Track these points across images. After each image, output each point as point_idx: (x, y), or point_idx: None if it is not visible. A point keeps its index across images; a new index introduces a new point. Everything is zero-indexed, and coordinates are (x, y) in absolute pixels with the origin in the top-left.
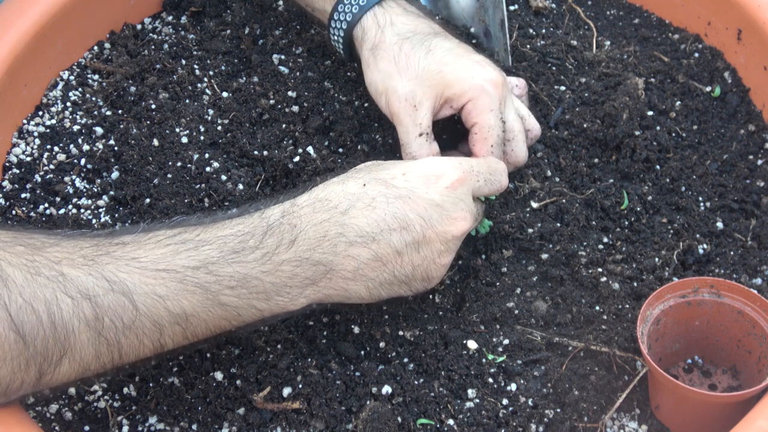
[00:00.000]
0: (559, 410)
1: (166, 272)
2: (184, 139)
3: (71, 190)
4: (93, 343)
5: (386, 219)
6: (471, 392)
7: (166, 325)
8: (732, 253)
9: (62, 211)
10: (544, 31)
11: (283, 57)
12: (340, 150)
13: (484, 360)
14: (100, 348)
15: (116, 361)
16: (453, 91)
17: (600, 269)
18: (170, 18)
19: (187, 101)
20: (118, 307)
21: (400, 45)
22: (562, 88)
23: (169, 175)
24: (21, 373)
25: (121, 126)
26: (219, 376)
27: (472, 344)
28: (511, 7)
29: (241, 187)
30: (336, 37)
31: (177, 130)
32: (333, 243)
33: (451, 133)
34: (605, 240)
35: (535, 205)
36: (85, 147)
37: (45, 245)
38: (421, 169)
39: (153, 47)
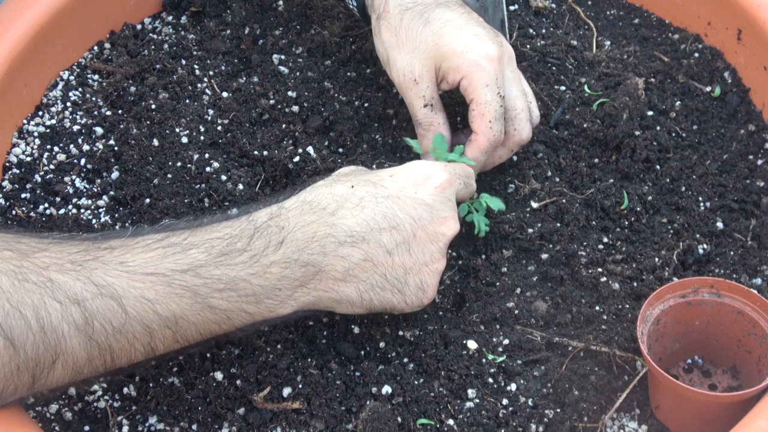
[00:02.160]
0: (559, 410)
1: (154, 276)
2: (184, 139)
3: (71, 190)
4: (84, 347)
5: (376, 218)
6: (471, 392)
7: (156, 329)
8: (732, 253)
9: (62, 211)
10: (544, 31)
11: (283, 57)
12: (340, 150)
13: (484, 360)
14: (91, 352)
15: (108, 364)
16: (448, 65)
17: (600, 269)
18: (170, 18)
19: (187, 101)
20: (107, 311)
21: (401, 16)
22: (562, 88)
23: (169, 175)
24: (14, 379)
25: (121, 126)
26: (219, 376)
27: (472, 344)
28: (511, 7)
29: (241, 187)
30: (351, 4)
31: (177, 130)
32: (322, 244)
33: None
34: (605, 240)
35: (535, 205)
36: (85, 147)
37: (33, 250)
38: (409, 171)
39: (153, 47)
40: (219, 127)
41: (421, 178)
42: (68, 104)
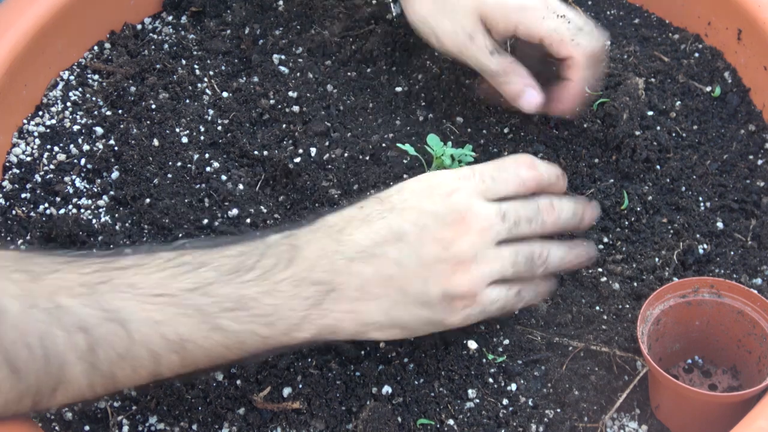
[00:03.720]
0: (559, 410)
1: (162, 297)
2: (184, 139)
3: (71, 190)
4: (87, 375)
5: (381, 232)
6: (471, 392)
7: (162, 354)
8: (732, 253)
9: (62, 211)
10: None
11: (283, 57)
12: (340, 150)
13: (484, 360)
14: (93, 379)
15: (111, 389)
16: (495, 17)
17: (600, 269)
18: (170, 18)
19: (187, 101)
20: (112, 336)
21: None
22: None
23: (169, 175)
24: (14, 405)
25: (121, 126)
26: (219, 376)
27: (472, 344)
28: None
29: (241, 187)
30: None
31: (177, 130)
32: (331, 260)
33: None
34: (605, 240)
35: None
36: (85, 147)
37: (45, 272)
38: (416, 183)
39: (153, 47)
40: (219, 127)
41: (427, 188)
42: (68, 104)
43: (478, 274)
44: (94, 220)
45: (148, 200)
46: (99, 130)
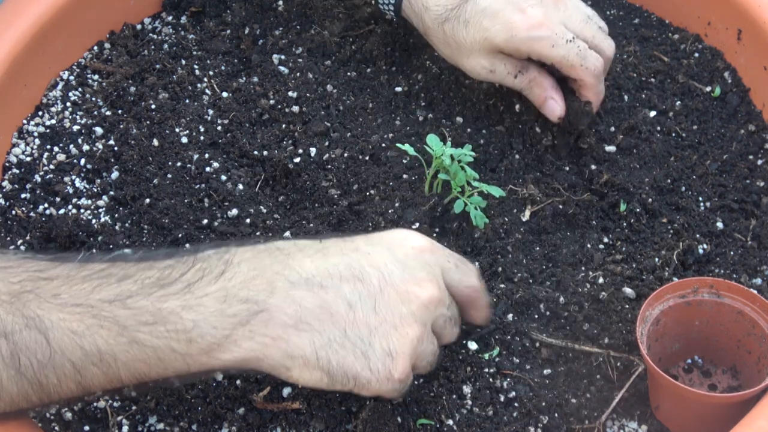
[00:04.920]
0: (558, 411)
1: (81, 307)
2: (184, 139)
3: (71, 190)
4: (15, 382)
5: (339, 268)
6: (470, 392)
7: (83, 366)
8: (732, 253)
9: (62, 211)
10: None
11: (283, 57)
12: (340, 150)
13: (483, 360)
14: (22, 386)
15: (45, 399)
16: (508, 51)
17: (600, 269)
18: (170, 18)
19: (187, 101)
20: (33, 344)
21: (442, 29)
22: None
23: (169, 175)
24: None
25: (121, 126)
26: (219, 375)
27: (471, 345)
28: None
29: (241, 187)
30: (388, 13)
31: (177, 130)
32: (270, 281)
33: None
34: (605, 240)
35: (533, 207)
36: (85, 147)
37: None
38: (386, 234)
39: (153, 47)
40: (219, 127)
41: (399, 239)
42: (68, 104)
43: (420, 348)
44: (93, 221)
45: (147, 200)
46: (99, 130)
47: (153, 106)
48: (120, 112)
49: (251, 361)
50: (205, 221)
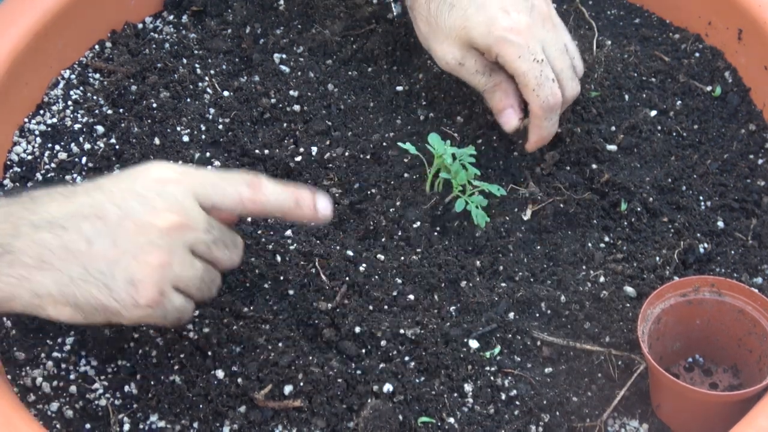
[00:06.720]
0: (559, 409)
1: None
2: (185, 138)
3: None
4: None
5: (81, 208)
6: (471, 391)
7: None
8: (733, 252)
9: None
10: None
11: (284, 56)
12: (341, 149)
13: (484, 359)
14: None
15: None
16: (479, 46)
17: (600, 269)
18: (171, 17)
19: (188, 100)
20: None
21: (428, 5)
22: None
23: None
24: None
25: (123, 125)
26: (220, 374)
27: (473, 343)
28: None
29: None
30: None
31: (178, 129)
32: (15, 225)
33: None
34: (606, 239)
35: (534, 206)
36: (87, 146)
37: None
38: (134, 168)
39: (154, 46)
40: (220, 126)
41: (143, 172)
42: (69, 103)
43: (170, 273)
44: None
45: None
46: (100, 128)
47: (154, 105)
48: (121, 110)
49: (3, 301)
50: None
